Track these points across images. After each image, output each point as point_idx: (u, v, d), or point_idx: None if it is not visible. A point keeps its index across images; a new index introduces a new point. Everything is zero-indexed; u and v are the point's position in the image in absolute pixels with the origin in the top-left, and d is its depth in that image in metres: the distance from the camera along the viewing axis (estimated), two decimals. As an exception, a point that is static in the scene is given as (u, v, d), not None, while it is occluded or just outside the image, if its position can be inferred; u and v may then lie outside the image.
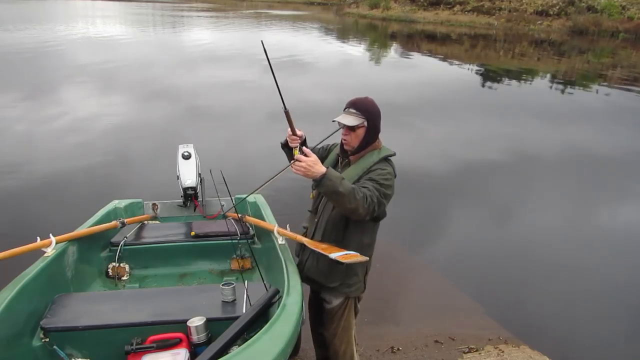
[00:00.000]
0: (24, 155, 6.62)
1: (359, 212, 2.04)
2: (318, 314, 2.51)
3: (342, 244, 2.24)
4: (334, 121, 2.23)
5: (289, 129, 2.25)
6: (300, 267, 2.44)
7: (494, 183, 6.62)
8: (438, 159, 7.25)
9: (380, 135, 2.27)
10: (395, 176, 2.23)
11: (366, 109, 2.21)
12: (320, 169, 2.01)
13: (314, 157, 2.02)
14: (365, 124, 2.20)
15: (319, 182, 2.00)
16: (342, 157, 2.35)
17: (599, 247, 4.95)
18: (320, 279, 2.35)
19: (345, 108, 2.25)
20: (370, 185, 2.10)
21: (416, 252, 4.69)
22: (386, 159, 2.24)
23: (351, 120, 2.19)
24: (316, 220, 2.36)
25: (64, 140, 7.36)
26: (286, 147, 2.39)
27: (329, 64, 16.29)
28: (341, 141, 2.30)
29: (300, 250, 2.50)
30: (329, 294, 2.38)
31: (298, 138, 2.29)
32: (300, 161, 2.01)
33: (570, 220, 5.62)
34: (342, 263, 2.13)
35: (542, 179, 6.83)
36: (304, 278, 2.41)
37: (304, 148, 2.11)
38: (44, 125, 8.05)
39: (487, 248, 4.84)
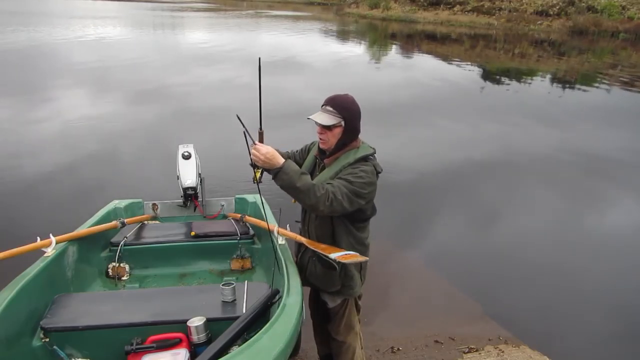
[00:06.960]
0: (22, 155, 6.61)
1: (320, 209, 1.94)
2: (320, 310, 2.51)
3: None
4: (308, 119, 2.09)
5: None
6: (301, 271, 2.40)
7: (494, 183, 6.61)
8: (437, 158, 7.22)
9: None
10: (379, 172, 2.13)
11: (344, 108, 2.06)
12: (278, 161, 1.91)
13: (270, 149, 1.92)
14: (343, 123, 2.05)
15: (274, 175, 1.90)
16: (319, 158, 2.22)
17: (599, 248, 4.94)
18: (321, 285, 2.34)
19: (323, 105, 2.09)
20: (336, 182, 1.99)
21: (416, 252, 4.68)
22: (365, 159, 2.09)
23: (326, 119, 2.04)
24: (306, 227, 2.33)
25: (60, 140, 7.35)
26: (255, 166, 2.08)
27: (327, 64, 16.24)
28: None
29: (300, 252, 2.46)
30: (329, 296, 2.38)
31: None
32: (258, 151, 1.91)
33: (572, 221, 5.61)
34: (343, 263, 2.13)
35: (543, 179, 6.82)
36: (305, 281, 2.39)
37: (257, 142, 1.97)
38: (42, 125, 8.04)
39: (487, 248, 4.83)
